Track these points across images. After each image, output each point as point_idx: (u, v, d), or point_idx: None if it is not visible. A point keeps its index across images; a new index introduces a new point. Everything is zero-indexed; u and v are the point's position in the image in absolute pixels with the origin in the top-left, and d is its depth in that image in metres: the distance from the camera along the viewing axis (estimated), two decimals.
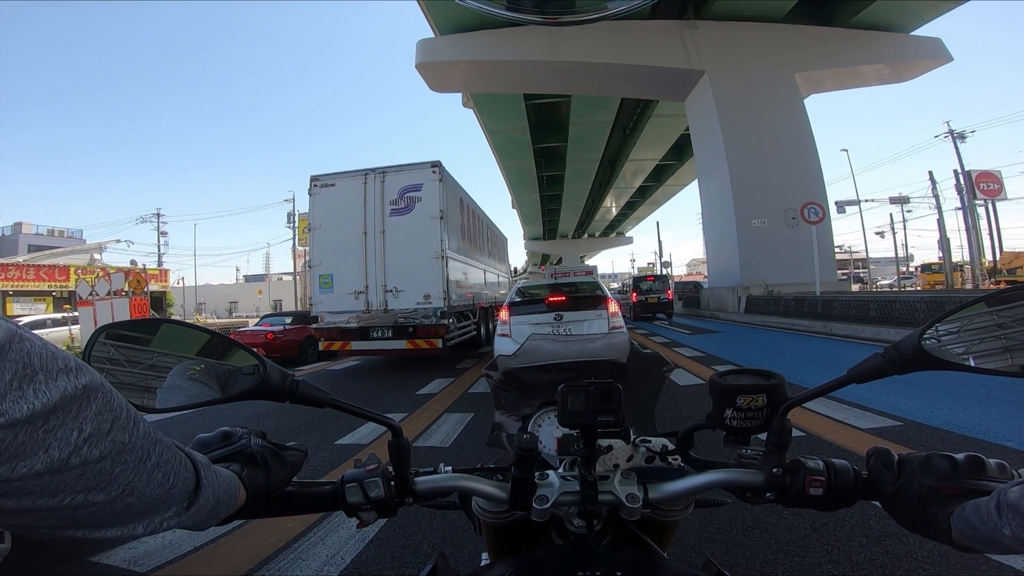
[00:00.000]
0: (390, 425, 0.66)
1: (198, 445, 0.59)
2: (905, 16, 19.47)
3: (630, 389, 0.79)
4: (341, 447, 4.16)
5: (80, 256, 33.91)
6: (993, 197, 29.71)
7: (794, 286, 16.66)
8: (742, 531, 2.32)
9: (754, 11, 18.84)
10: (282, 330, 11.65)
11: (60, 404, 0.29)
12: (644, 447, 0.72)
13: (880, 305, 10.62)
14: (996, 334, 0.54)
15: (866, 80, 22.01)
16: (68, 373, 0.30)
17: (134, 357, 0.57)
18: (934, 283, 32.59)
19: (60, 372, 0.29)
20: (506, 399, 0.94)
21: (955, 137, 30.93)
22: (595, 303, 6.68)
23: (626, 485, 0.64)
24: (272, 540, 2.43)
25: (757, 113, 18.70)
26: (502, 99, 23.64)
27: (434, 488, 0.66)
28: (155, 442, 0.37)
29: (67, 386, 0.29)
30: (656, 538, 0.71)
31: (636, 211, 53.16)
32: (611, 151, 32.53)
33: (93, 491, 0.32)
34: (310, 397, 0.62)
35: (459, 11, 17.84)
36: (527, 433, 0.63)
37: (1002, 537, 0.43)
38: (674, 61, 19.15)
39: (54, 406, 0.28)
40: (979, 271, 29.99)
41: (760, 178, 18.31)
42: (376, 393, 6.88)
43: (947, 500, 0.52)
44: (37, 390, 0.28)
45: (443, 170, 8.42)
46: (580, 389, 0.65)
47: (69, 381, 0.29)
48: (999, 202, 30.20)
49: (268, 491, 0.58)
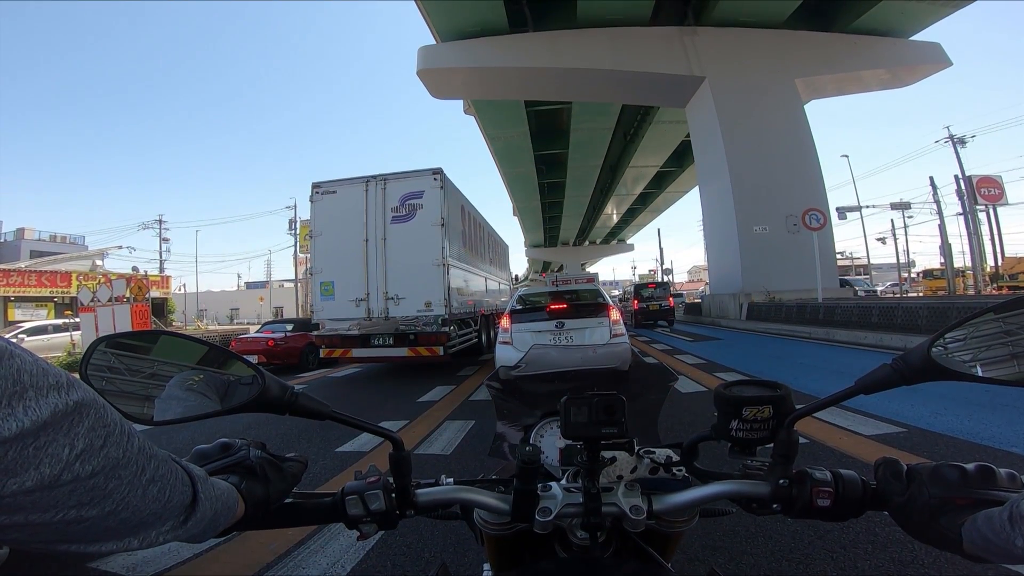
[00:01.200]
0: (390, 437, 0.66)
1: (196, 457, 0.59)
2: (904, 21, 19.58)
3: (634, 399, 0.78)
4: (342, 455, 4.14)
5: (82, 262, 33.99)
6: (994, 202, 29.70)
7: (796, 293, 16.59)
8: (746, 539, 2.30)
9: (754, 17, 18.96)
10: (283, 337, 11.63)
11: (50, 421, 0.28)
12: (648, 458, 0.72)
13: (882, 312, 10.58)
14: (1005, 342, 0.54)
15: (867, 85, 22.06)
16: (59, 389, 0.29)
17: (134, 366, 0.57)
18: (936, 289, 32.55)
19: (51, 389, 0.29)
20: (508, 409, 0.93)
21: (955, 142, 30.97)
22: (596, 311, 6.67)
23: (630, 497, 0.64)
24: (272, 547, 2.42)
25: (758, 119, 18.75)
26: (503, 106, 23.77)
27: (435, 500, 0.66)
28: (150, 457, 0.37)
29: (58, 403, 0.29)
30: (660, 549, 0.70)
31: (637, 218, 53.26)
32: (612, 157, 32.64)
33: (86, 506, 0.32)
34: (310, 409, 0.62)
35: (460, 18, 18.02)
36: (529, 445, 0.63)
37: (1015, 548, 0.43)
38: (674, 67, 19.24)
39: (44, 423, 0.28)
40: (981, 277, 29.95)
41: (761, 184, 18.32)
42: (377, 400, 6.86)
43: (958, 510, 0.51)
44: (27, 407, 0.27)
45: (444, 177, 8.44)
46: (583, 401, 0.65)
47: (60, 397, 0.29)
48: (1000, 207, 30.23)
49: (267, 503, 0.58)
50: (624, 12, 18.51)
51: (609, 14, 18.48)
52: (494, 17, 18.04)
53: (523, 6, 18.07)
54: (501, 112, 24.59)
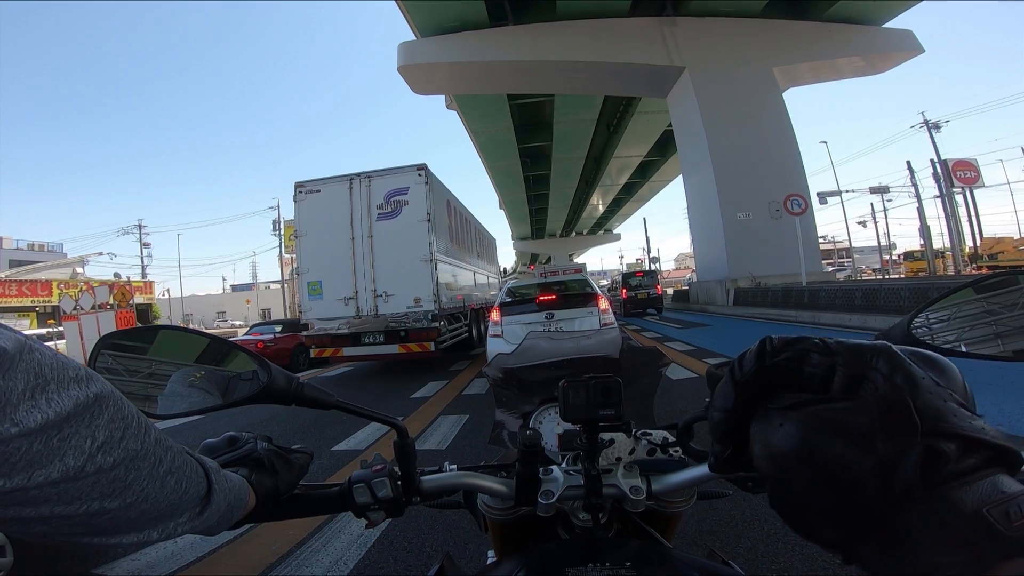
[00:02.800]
0: (395, 425, 0.66)
1: (205, 450, 0.59)
2: (877, 9, 19.85)
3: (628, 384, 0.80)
4: (338, 453, 4.15)
5: (62, 270, 33.42)
6: (971, 185, 30.25)
7: (781, 277, 16.84)
8: (742, 523, 2.35)
9: (732, 6, 19.11)
10: (272, 339, 11.57)
11: (73, 413, 0.29)
12: (645, 440, 0.73)
13: (865, 293, 10.76)
14: (986, 320, 0.55)
15: (842, 73, 22.33)
16: (79, 382, 0.30)
17: (133, 366, 0.57)
18: (918, 270, 33.13)
19: (71, 381, 0.30)
20: (506, 397, 0.95)
21: (930, 127, 31.46)
22: (585, 300, 6.71)
23: (629, 478, 0.65)
24: (274, 547, 2.43)
25: (738, 107, 18.90)
26: (486, 100, 23.68)
27: (440, 486, 0.67)
28: (167, 448, 0.38)
29: (79, 395, 0.30)
30: (660, 530, 0.72)
31: (623, 208, 53.44)
32: (596, 149, 32.68)
33: (108, 498, 0.32)
34: (316, 399, 0.63)
35: (440, 13, 17.88)
36: (530, 429, 0.64)
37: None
38: (655, 58, 19.32)
39: (68, 415, 0.29)
40: (960, 257, 30.51)
41: (743, 171, 18.51)
42: (370, 398, 6.85)
43: None
44: (50, 399, 0.28)
45: (429, 173, 8.41)
46: (581, 384, 0.66)
47: (80, 390, 0.30)
48: (977, 189, 30.78)
49: (276, 494, 0.59)
50: (604, 4, 18.56)
51: (589, 6, 18.50)
52: (474, 11, 17.96)
53: (503, 0, 17.99)
54: (484, 106, 24.50)
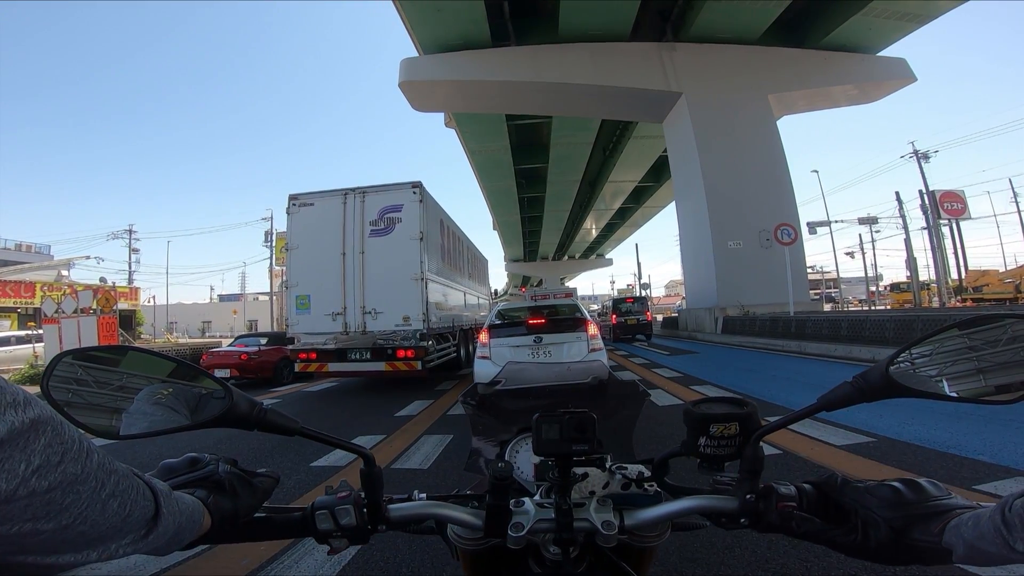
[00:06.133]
0: (361, 453, 0.66)
1: (163, 471, 0.59)
2: (872, 37, 20.30)
3: (609, 416, 0.79)
4: (317, 469, 4.06)
5: (47, 272, 32.97)
6: (957, 216, 30.80)
7: (769, 306, 16.96)
8: (723, 550, 2.31)
9: (730, 33, 19.51)
10: (256, 351, 11.39)
11: (7, 438, 0.29)
12: (620, 474, 0.72)
13: (851, 324, 10.87)
14: (970, 357, 0.55)
15: (836, 101, 22.79)
16: (16, 407, 0.30)
17: (102, 378, 0.56)
18: (903, 301, 33.57)
19: (8, 407, 0.30)
20: (483, 425, 0.94)
21: (919, 157, 31.95)
22: (575, 325, 6.70)
23: (602, 512, 0.64)
24: (244, 562, 2.36)
25: (732, 134, 19.24)
26: (484, 119, 23.97)
27: (408, 516, 0.66)
28: (110, 472, 0.38)
29: (15, 420, 0.30)
30: (634, 564, 0.71)
31: (615, 233, 53.87)
32: (591, 172, 33.07)
33: (42, 520, 0.32)
34: (278, 425, 0.62)
35: (443, 31, 18.18)
36: (502, 462, 0.64)
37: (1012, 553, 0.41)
38: (653, 82, 19.68)
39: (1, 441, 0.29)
40: (946, 289, 30.96)
41: (735, 199, 18.76)
42: (354, 415, 6.76)
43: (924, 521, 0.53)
44: None
45: (424, 191, 8.43)
46: (555, 419, 0.66)
47: (16, 415, 0.30)
48: (964, 221, 31.36)
49: (235, 517, 0.59)
50: (605, 28, 18.90)
51: (590, 29, 18.85)
52: (477, 31, 18.27)
53: (506, 21, 18.33)
54: (482, 125, 24.78)
